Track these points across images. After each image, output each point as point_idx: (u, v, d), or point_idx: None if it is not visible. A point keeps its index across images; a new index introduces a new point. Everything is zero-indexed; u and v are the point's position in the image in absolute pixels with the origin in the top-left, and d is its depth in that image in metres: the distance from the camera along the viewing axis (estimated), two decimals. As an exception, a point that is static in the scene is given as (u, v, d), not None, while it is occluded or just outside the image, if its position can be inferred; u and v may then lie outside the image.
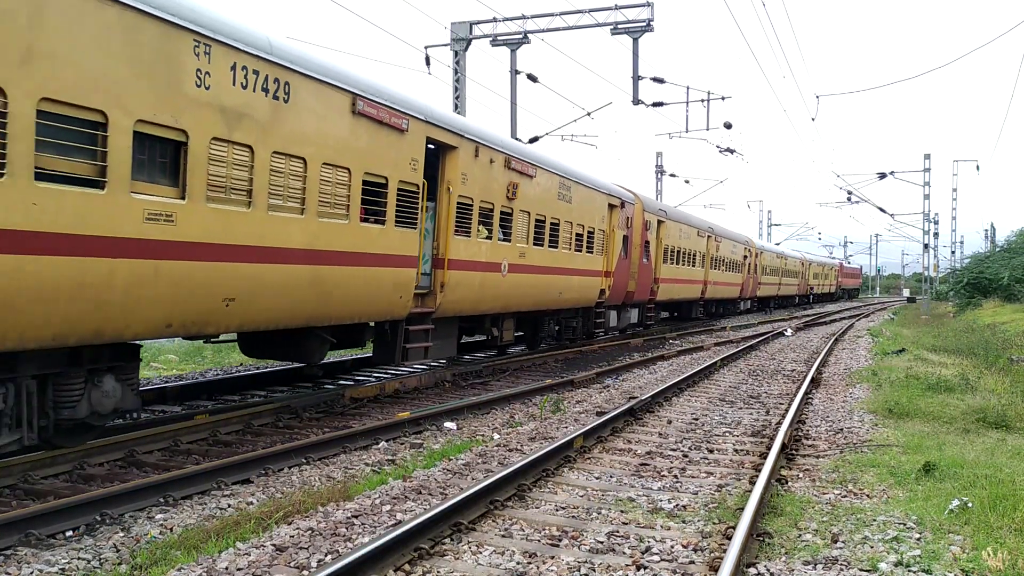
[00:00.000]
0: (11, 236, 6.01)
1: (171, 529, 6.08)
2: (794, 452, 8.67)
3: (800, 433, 9.77)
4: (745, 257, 38.75)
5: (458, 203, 12.60)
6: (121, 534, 5.96)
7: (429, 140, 11.63)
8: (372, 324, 11.63)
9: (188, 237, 7.57)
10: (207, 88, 7.65)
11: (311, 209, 9.19)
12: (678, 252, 27.30)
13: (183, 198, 7.49)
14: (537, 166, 15.53)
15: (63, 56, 6.30)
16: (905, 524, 6.02)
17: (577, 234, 18.03)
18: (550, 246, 16.50)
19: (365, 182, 10.14)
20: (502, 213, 14.25)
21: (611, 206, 20.33)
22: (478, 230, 13.45)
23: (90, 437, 7.85)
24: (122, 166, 6.82)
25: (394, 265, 10.97)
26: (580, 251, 18.27)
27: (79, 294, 6.59)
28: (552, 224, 16.48)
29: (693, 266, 29.53)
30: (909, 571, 5.08)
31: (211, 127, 7.71)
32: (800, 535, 5.82)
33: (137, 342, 7.96)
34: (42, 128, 6.17)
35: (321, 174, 9.32)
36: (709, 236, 31.50)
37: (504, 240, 14.47)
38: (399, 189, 10.89)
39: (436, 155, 12.31)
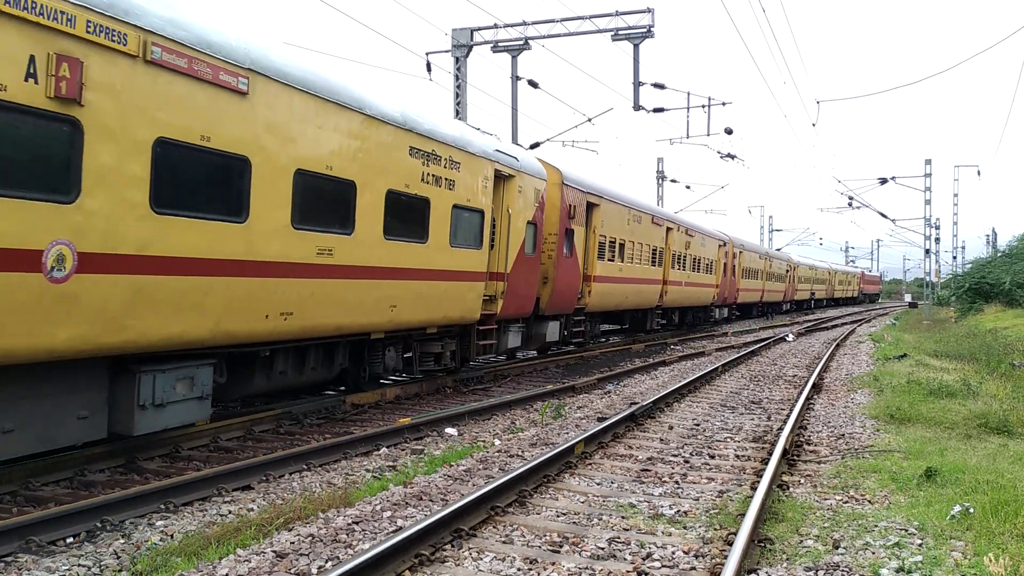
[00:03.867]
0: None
1: (172, 536, 6.07)
2: (795, 458, 8.66)
3: (801, 439, 9.75)
4: (787, 271, 50.96)
5: (672, 253, 26.75)
6: (121, 541, 5.95)
7: (667, 228, 26.25)
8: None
9: (625, 275, 22.02)
10: (632, 223, 22.72)
11: (686, 266, 28.39)
12: (749, 271, 40.42)
13: (611, 261, 21.64)
14: (694, 231, 29.88)
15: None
16: (907, 530, 6.01)
17: (705, 264, 31.68)
18: (697, 272, 30.25)
19: (651, 249, 24.52)
20: (682, 256, 27.93)
21: (719, 246, 33.75)
22: (675, 264, 27.14)
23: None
24: (628, 256, 22.72)
25: (655, 284, 25.17)
26: (707, 273, 32.10)
27: (615, 299, 21.95)
28: (698, 259, 30.37)
29: (756, 280, 42.55)
30: (911, 577, 5.06)
31: (630, 237, 22.38)
32: (801, 541, 5.81)
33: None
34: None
35: (641, 248, 23.38)
36: (765, 258, 44.74)
37: (681, 269, 28.01)
38: (661, 251, 25.58)
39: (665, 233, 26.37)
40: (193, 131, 7.56)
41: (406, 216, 10.97)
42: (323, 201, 9.43)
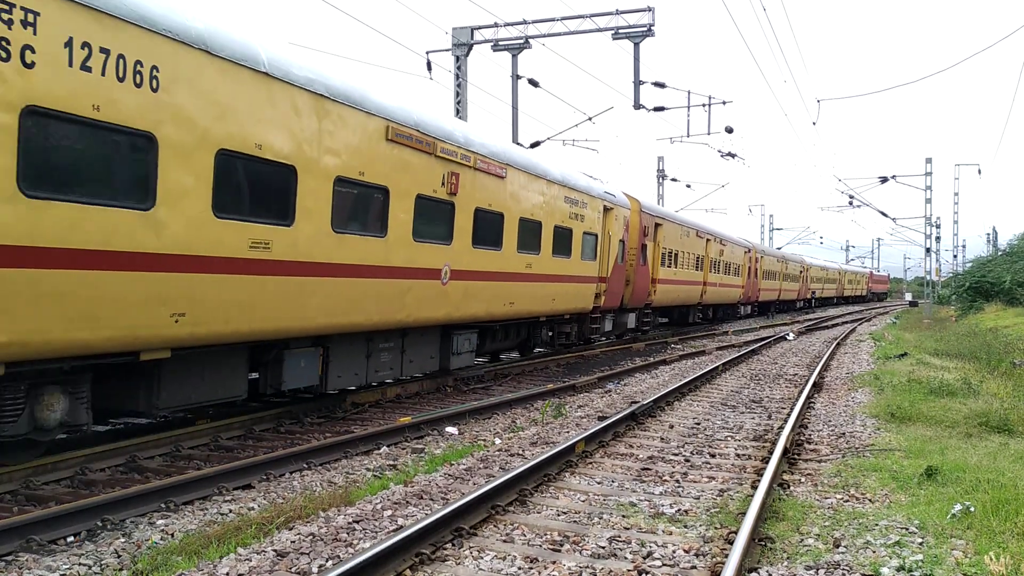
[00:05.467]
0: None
1: (172, 535, 6.07)
2: (796, 456, 8.66)
3: (802, 437, 9.75)
4: (801, 272, 56.45)
5: (710, 260, 32.16)
6: (122, 540, 5.95)
7: (707, 240, 31.78)
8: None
9: (679, 278, 27.93)
10: (683, 237, 28.49)
11: (720, 270, 34.81)
12: (768, 273, 46.11)
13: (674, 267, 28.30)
14: (726, 240, 35.22)
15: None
16: (907, 529, 6.01)
17: (734, 268, 37.24)
18: (727, 275, 35.90)
19: (696, 257, 30.21)
20: (717, 262, 33.43)
21: (744, 252, 39.29)
22: (712, 269, 32.39)
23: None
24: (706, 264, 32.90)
25: (698, 285, 31.04)
26: (735, 276, 37.75)
27: (672, 297, 27.82)
28: (728, 264, 35.91)
29: (774, 280, 48.05)
30: (911, 576, 5.06)
31: (682, 248, 27.89)
32: (802, 540, 5.81)
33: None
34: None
35: (689, 256, 29.29)
36: (782, 261, 50.42)
37: (716, 273, 33.51)
38: (702, 258, 30.81)
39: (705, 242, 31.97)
40: (485, 201, 13.35)
41: (561, 241, 16.71)
42: (529, 234, 15.20)
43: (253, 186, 8.34)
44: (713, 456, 8.70)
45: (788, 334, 28.88)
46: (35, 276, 6.23)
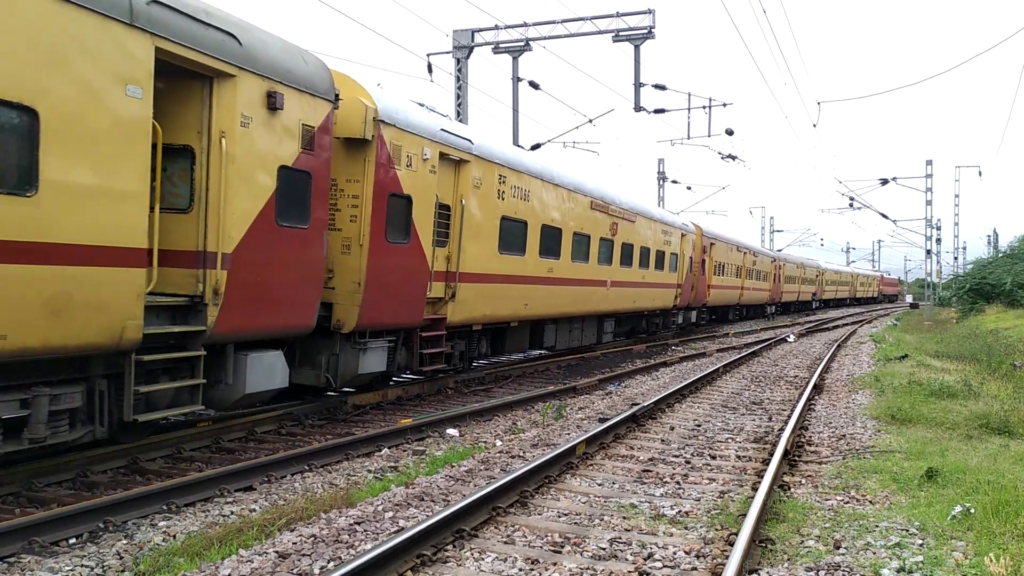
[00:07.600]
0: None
1: (174, 536, 6.09)
2: (796, 458, 8.67)
3: (802, 439, 9.76)
4: (816, 275, 62.94)
5: (746, 269, 40.12)
6: (124, 541, 5.97)
7: (744, 253, 39.71)
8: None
9: (725, 283, 35.97)
10: (728, 252, 36.16)
11: (753, 277, 41.75)
12: (789, 277, 52.59)
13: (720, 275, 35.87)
14: (758, 252, 41.89)
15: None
16: (908, 530, 6.02)
17: (763, 275, 43.83)
18: (758, 280, 42.37)
19: (736, 267, 37.68)
20: (751, 270, 40.45)
21: (771, 261, 46.21)
22: (747, 276, 39.99)
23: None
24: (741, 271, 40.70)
25: (737, 289, 38.71)
26: (763, 281, 44.04)
27: (720, 298, 36.12)
28: (760, 272, 42.71)
29: (794, 284, 54.71)
30: (912, 577, 5.07)
31: (728, 260, 36.03)
32: (803, 541, 5.82)
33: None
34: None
35: (732, 267, 36.77)
36: (800, 267, 56.76)
37: (750, 279, 40.05)
38: (740, 267, 38.14)
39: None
40: (627, 238, 20.83)
41: (659, 259, 24.10)
42: (644, 256, 22.39)
43: (549, 241, 16.12)
44: (714, 458, 8.71)
45: (789, 336, 28.88)
46: (499, 287, 14.15)
